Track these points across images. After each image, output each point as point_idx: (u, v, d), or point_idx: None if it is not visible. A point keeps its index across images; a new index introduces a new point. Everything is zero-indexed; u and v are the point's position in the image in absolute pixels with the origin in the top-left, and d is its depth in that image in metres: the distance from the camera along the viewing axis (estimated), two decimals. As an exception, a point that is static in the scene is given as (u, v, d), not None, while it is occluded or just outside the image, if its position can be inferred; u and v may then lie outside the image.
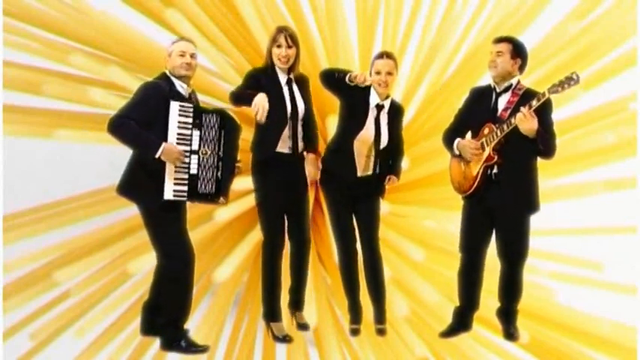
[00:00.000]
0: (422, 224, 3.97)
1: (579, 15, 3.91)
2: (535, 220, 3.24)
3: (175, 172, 2.95)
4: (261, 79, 3.11)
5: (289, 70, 3.16)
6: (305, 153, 3.22)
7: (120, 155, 3.12)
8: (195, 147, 2.99)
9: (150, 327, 3.19)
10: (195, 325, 3.55)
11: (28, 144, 4.20)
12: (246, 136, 3.44)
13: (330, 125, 3.58)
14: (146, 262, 3.42)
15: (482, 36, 4.14)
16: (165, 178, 2.93)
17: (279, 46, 3.10)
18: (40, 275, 3.96)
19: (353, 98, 3.16)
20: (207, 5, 3.98)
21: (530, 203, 3.08)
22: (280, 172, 3.12)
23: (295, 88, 3.17)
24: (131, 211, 3.72)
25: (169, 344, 3.13)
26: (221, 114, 3.06)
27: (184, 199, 2.99)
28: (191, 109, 2.99)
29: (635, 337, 3.77)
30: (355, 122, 3.16)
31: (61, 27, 4.01)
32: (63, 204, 4.17)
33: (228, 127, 3.06)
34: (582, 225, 4.34)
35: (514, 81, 3.11)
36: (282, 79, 3.15)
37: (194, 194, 3.00)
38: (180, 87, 3.04)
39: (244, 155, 3.32)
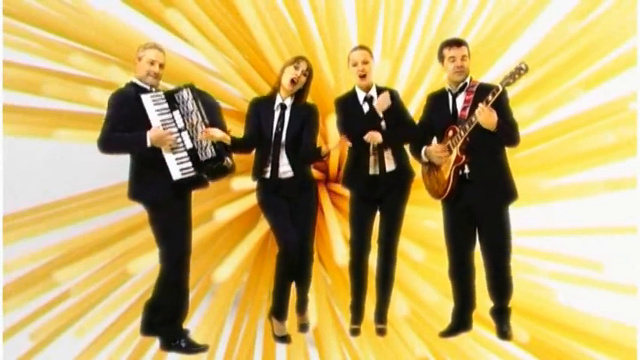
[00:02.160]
0: (422, 224, 3.97)
1: (579, 15, 3.91)
2: (535, 220, 3.24)
3: (173, 153, 3.02)
4: (258, 109, 3.21)
5: (290, 96, 3.18)
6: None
7: (120, 155, 3.13)
8: (180, 125, 3.07)
9: (149, 327, 3.19)
10: (195, 325, 3.55)
11: (28, 144, 4.20)
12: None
13: (330, 125, 3.58)
14: (146, 262, 3.42)
15: (482, 36, 4.14)
16: (167, 164, 3.00)
17: (296, 68, 3.15)
18: (40, 275, 3.96)
19: (347, 112, 3.22)
20: (207, 5, 3.98)
21: (506, 193, 3.11)
22: (274, 193, 3.17)
23: (288, 113, 3.18)
24: (131, 211, 3.74)
25: (169, 344, 3.14)
26: (190, 87, 3.12)
27: (192, 173, 3.04)
28: (162, 95, 3.09)
29: (635, 337, 3.77)
30: (357, 125, 3.19)
31: (61, 27, 4.01)
32: (63, 204, 4.17)
33: (201, 96, 3.13)
34: (582, 225, 4.33)
35: (467, 79, 3.14)
36: (277, 102, 3.19)
37: (199, 165, 3.05)
38: (147, 88, 3.11)
39: (246, 156, 3.32)
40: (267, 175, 3.17)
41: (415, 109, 4.13)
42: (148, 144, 2.97)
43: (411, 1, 4.34)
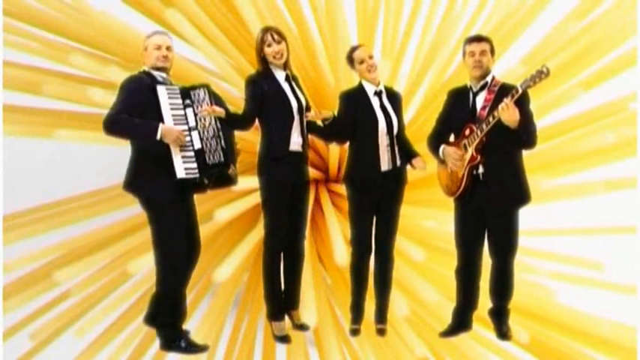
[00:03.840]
0: (422, 224, 3.97)
1: (579, 15, 3.91)
2: (535, 220, 3.23)
3: (181, 151, 2.96)
4: (261, 83, 3.12)
5: (284, 68, 3.17)
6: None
7: (120, 155, 3.13)
8: (192, 124, 3.01)
9: (152, 320, 3.16)
10: (195, 325, 3.55)
11: (28, 144, 4.20)
12: (248, 137, 3.44)
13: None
14: (146, 262, 3.42)
15: (483, 36, 4.14)
16: (173, 160, 2.94)
17: (269, 45, 3.12)
18: (40, 275, 3.95)
19: (357, 106, 3.20)
20: (207, 5, 3.98)
21: (520, 196, 3.10)
22: (290, 172, 3.13)
23: (294, 84, 3.19)
24: (131, 211, 3.74)
25: (169, 344, 3.13)
26: (206, 87, 3.08)
27: (196, 175, 2.98)
28: (177, 90, 3.03)
29: (635, 337, 3.77)
30: (367, 122, 3.18)
31: (61, 27, 4.01)
32: (63, 204, 4.17)
33: (215, 98, 3.09)
34: (582, 225, 4.34)
35: (489, 78, 3.12)
36: (280, 77, 3.16)
37: (204, 168, 3.00)
38: (161, 77, 3.06)
39: (246, 156, 3.32)
40: (298, 147, 3.13)
41: (415, 108, 4.14)
42: (158, 136, 2.90)
43: (411, 1, 4.35)
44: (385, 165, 3.19)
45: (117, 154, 3.20)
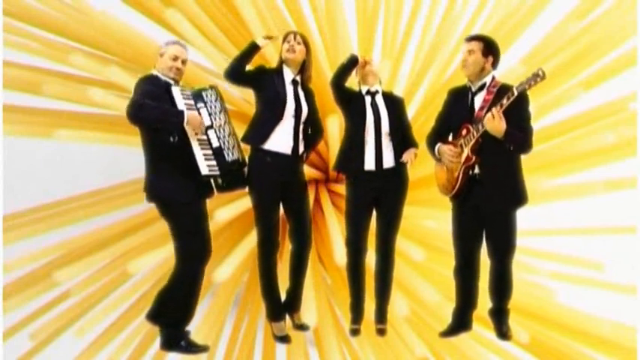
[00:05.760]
0: (422, 224, 3.97)
1: (579, 15, 3.91)
2: (535, 220, 3.23)
3: (201, 149, 3.00)
4: (266, 72, 3.17)
5: (299, 73, 3.19)
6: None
7: (120, 155, 3.13)
8: (207, 123, 3.05)
9: (155, 318, 3.15)
10: (195, 325, 3.54)
11: (28, 144, 4.21)
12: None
13: (330, 125, 3.58)
14: (146, 262, 3.42)
15: (482, 36, 4.14)
16: (195, 157, 2.97)
17: (288, 42, 3.16)
18: (40, 275, 3.96)
19: (351, 101, 3.25)
20: (207, 5, 3.98)
21: (516, 198, 3.08)
22: (276, 173, 3.12)
23: (300, 90, 3.19)
24: (131, 211, 3.74)
25: (169, 344, 3.14)
26: (215, 88, 3.15)
27: (217, 172, 3.03)
28: (189, 92, 3.08)
29: (635, 337, 3.77)
30: (355, 116, 3.21)
31: (61, 27, 4.01)
32: (63, 204, 4.17)
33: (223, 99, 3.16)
34: (582, 225, 4.34)
35: (488, 79, 3.12)
36: (288, 77, 3.17)
37: (224, 165, 3.04)
38: (168, 83, 3.08)
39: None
40: (287, 150, 3.13)
41: (415, 108, 4.14)
42: (185, 120, 2.92)
43: (411, 1, 4.35)
44: (370, 165, 3.20)
45: (117, 154, 3.21)
